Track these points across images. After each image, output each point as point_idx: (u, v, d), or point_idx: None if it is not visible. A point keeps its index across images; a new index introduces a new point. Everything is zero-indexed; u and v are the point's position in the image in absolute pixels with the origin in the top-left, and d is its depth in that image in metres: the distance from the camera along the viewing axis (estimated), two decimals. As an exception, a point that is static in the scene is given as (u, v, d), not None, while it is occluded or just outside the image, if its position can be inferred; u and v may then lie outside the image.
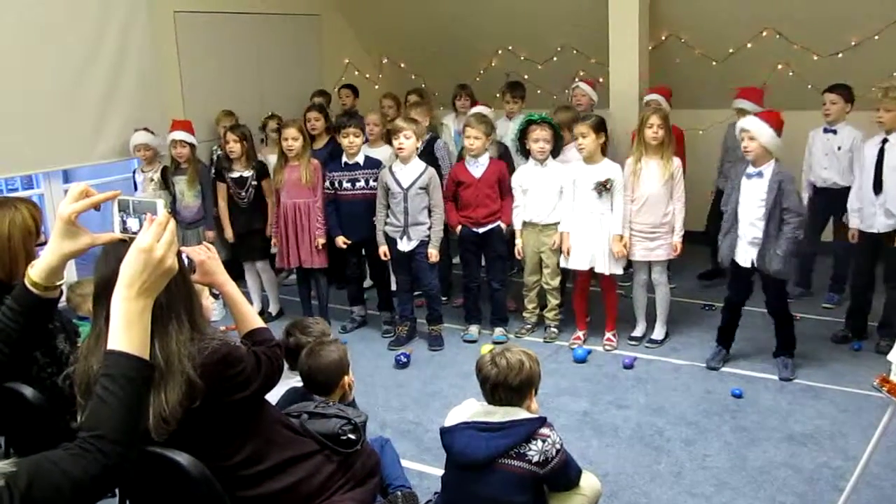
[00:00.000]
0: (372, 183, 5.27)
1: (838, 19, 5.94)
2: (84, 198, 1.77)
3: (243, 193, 5.69)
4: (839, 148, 5.23)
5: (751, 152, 4.33)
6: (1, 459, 1.28)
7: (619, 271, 5.03)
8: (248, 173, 5.66)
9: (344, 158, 5.35)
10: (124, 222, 1.75)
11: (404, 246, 5.14)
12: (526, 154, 5.14)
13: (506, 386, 2.66)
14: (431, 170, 5.14)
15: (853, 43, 6.03)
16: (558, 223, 5.08)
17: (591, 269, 5.01)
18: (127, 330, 1.45)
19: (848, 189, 5.14)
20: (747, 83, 6.10)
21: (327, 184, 5.37)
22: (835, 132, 5.26)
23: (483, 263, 5.48)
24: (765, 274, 4.41)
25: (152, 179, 5.85)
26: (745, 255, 4.45)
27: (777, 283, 4.45)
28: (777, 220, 4.30)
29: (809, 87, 6.01)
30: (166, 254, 1.51)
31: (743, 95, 5.62)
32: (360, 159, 5.31)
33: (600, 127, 4.90)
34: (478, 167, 5.19)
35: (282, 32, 7.43)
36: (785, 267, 4.34)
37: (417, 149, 5.20)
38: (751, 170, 4.40)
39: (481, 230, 5.23)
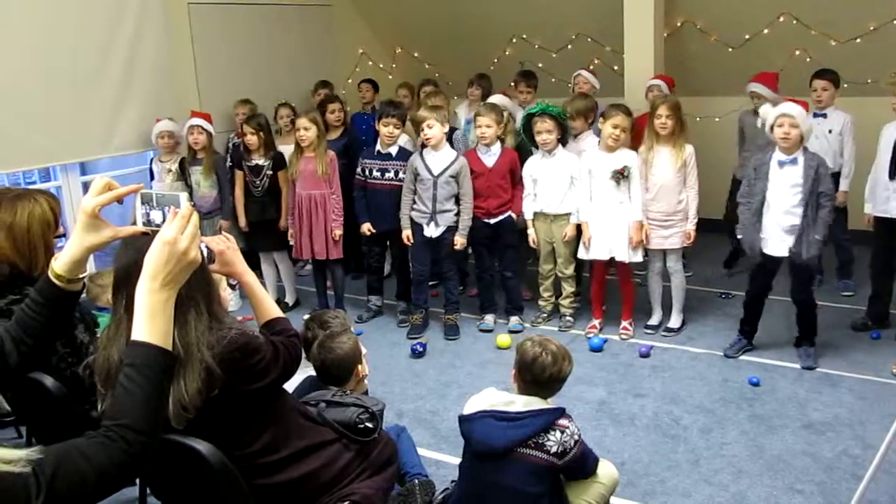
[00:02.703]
0: (402, 175, 5.25)
1: (856, 4, 5.87)
2: (107, 191, 1.79)
3: (258, 182, 5.71)
4: (830, 131, 5.26)
5: (791, 139, 4.24)
6: (25, 448, 1.30)
7: (639, 259, 5.01)
8: (264, 162, 5.68)
9: (377, 147, 5.35)
10: (147, 215, 1.77)
11: (431, 232, 5.14)
12: (536, 145, 5.13)
13: (560, 378, 2.70)
14: (462, 158, 5.13)
15: (872, 28, 5.96)
16: (569, 213, 5.07)
17: (609, 259, 5.00)
18: (151, 321, 1.47)
19: (837, 173, 5.22)
20: (764, 70, 6.04)
21: (358, 170, 5.38)
22: (825, 116, 5.29)
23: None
24: (797, 261, 4.35)
25: (170, 170, 5.88)
26: (781, 245, 4.36)
27: (806, 270, 4.41)
28: (815, 205, 4.26)
29: (827, 73, 5.95)
30: (190, 246, 1.53)
31: (758, 80, 5.60)
32: (392, 150, 5.31)
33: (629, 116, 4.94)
34: (490, 156, 5.17)
35: (294, 22, 7.43)
36: (819, 252, 4.32)
37: (444, 134, 5.19)
38: (783, 157, 4.31)
39: (493, 221, 5.22)
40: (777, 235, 4.38)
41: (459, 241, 5.11)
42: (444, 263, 5.25)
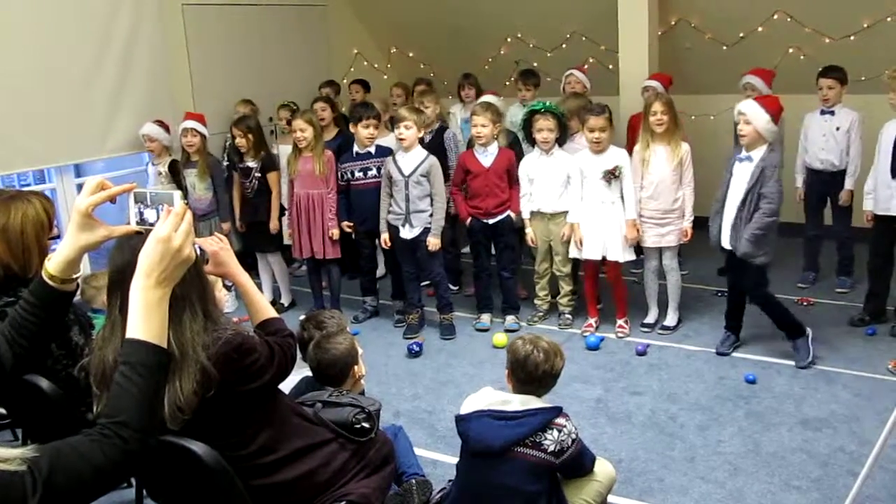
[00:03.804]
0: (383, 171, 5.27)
1: (850, 2, 5.88)
2: (100, 190, 1.79)
3: (247, 184, 5.72)
4: (837, 129, 5.25)
5: (745, 136, 4.30)
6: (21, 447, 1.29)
7: (632, 257, 5.01)
8: (253, 164, 5.67)
9: (355, 148, 5.35)
10: (141, 214, 1.77)
11: (407, 234, 5.14)
12: (533, 143, 5.13)
13: (553, 374, 2.69)
14: (432, 157, 5.12)
15: (865, 25, 5.97)
16: (566, 212, 5.06)
17: (601, 258, 5.00)
18: (145, 318, 1.47)
19: (843, 171, 5.24)
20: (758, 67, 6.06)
21: (338, 175, 5.37)
22: (832, 113, 5.28)
23: (493, 252, 5.47)
24: (740, 258, 4.37)
25: (160, 173, 5.88)
26: (729, 238, 4.43)
27: (752, 267, 4.40)
28: (753, 204, 4.28)
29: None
30: (184, 243, 1.54)
31: (755, 73, 5.63)
32: (371, 148, 5.31)
33: (611, 117, 4.94)
34: (487, 156, 5.16)
35: (289, 23, 7.44)
36: (753, 250, 4.29)
37: (423, 139, 5.19)
38: (742, 154, 4.38)
39: (491, 221, 5.21)
40: (727, 230, 4.43)
41: (432, 241, 5.10)
42: (429, 266, 5.24)
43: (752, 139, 4.30)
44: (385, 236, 5.22)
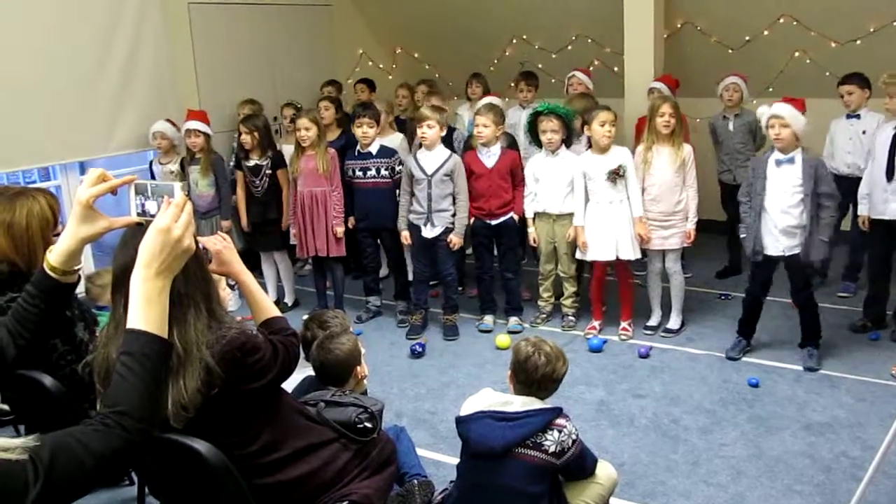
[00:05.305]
0: (384, 172, 5.29)
1: (856, 5, 5.88)
2: (101, 182, 1.79)
3: (257, 182, 5.70)
4: (864, 132, 5.22)
5: (782, 140, 4.26)
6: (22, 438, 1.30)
7: (639, 255, 5.00)
8: (262, 162, 5.67)
9: (357, 147, 5.37)
10: (142, 205, 1.78)
11: (428, 233, 5.14)
12: (539, 144, 5.12)
13: (554, 378, 2.68)
14: (456, 157, 5.14)
15: (871, 30, 5.96)
16: (572, 214, 5.06)
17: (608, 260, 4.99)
18: (146, 309, 1.47)
19: None
20: (764, 71, 6.05)
21: (343, 171, 5.40)
22: (858, 117, 5.25)
23: (496, 254, 5.47)
24: (800, 262, 4.34)
25: (171, 172, 5.88)
26: (777, 245, 4.37)
27: (803, 272, 4.41)
28: (815, 206, 4.26)
29: (827, 74, 5.95)
30: (184, 234, 1.54)
31: (735, 74, 5.72)
32: (373, 149, 5.32)
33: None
34: (490, 157, 5.16)
35: (295, 22, 7.45)
36: (827, 255, 4.33)
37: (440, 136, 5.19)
38: (780, 157, 4.32)
39: (494, 222, 5.21)
40: (772, 235, 4.38)
41: (455, 240, 5.10)
42: (443, 265, 5.24)
43: (789, 142, 4.27)
44: (405, 233, 5.23)
